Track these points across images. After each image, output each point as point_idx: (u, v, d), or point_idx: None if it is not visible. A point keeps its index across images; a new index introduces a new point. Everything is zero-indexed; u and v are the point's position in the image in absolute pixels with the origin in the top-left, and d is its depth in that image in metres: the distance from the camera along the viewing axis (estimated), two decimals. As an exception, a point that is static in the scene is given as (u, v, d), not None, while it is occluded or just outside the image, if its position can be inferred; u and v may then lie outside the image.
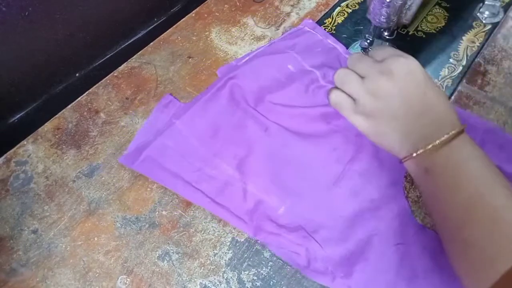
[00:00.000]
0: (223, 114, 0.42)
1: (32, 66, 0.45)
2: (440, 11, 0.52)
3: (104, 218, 0.38)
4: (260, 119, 0.42)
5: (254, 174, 0.39)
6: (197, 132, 0.41)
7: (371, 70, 0.34)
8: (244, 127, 0.41)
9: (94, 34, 0.49)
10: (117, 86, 0.47)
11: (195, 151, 0.40)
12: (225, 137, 0.41)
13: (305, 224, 0.37)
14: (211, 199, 0.38)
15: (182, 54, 0.50)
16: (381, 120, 0.33)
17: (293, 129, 0.41)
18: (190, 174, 0.39)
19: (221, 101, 0.43)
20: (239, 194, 0.38)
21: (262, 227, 0.36)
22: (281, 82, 0.43)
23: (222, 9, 0.54)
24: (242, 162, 0.39)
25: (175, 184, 0.38)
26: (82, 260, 0.36)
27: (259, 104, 0.43)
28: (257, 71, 0.44)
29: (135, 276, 0.35)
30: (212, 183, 0.39)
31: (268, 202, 0.38)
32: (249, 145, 0.40)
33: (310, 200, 0.38)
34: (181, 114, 0.42)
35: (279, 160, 0.39)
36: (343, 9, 0.53)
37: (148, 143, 0.41)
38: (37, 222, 0.38)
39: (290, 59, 0.45)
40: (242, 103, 0.42)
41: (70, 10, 0.45)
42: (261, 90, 0.43)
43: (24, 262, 0.36)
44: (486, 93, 0.44)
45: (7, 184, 0.40)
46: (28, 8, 0.41)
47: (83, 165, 0.41)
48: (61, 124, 0.44)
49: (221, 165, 0.39)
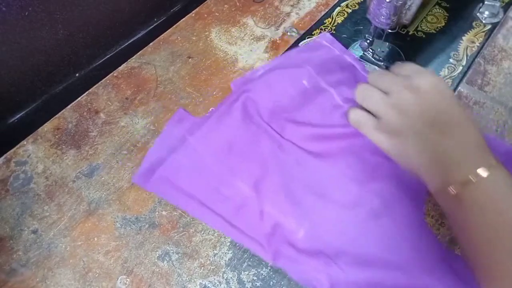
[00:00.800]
0: (237, 129, 0.41)
1: (32, 66, 0.45)
2: (440, 11, 0.52)
3: (104, 218, 0.38)
4: (273, 135, 0.40)
5: (270, 194, 0.37)
6: (211, 149, 0.40)
7: (395, 85, 0.32)
8: (258, 142, 0.40)
9: (94, 34, 0.49)
10: (117, 86, 0.47)
11: (210, 169, 0.39)
12: (240, 153, 0.40)
13: (325, 248, 0.35)
14: (227, 221, 0.36)
15: (182, 54, 0.50)
16: (406, 138, 0.31)
17: (308, 148, 0.40)
18: (204, 194, 0.38)
19: (235, 115, 0.41)
20: (255, 216, 0.37)
21: (281, 252, 0.35)
22: (295, 100, 0.42)
23: (222, 9, 0.54)
24: (257, 181, 0.38)
25: (189, 205, 0.37)
26: (82, 260, 0.36)
27: (273, 121, 0.41)
28: (271, 86, 0.43)
29: (135, 276, 0.35)
30: (227, 204, 0.37)
31: (286, 225, 0.36)
32: (264, 162, 0.39)
33: (329, 222, 0.36)
34: (194, 129, 0.41)
35: (295, 179, 0.38)
36: (343, 9, 0.53)
37: (161, 161, 0.40)
38: (37, 222, 0.38)
39: (305, 74, 0.43)
40: (256, 117, 0.41)
41: (70, 10, 0.45)
42: (275, 106, 0.42)
43: (24, 262, 0.36)
44: (486, 93, 0.44)
45: (7, 184, 0.40)
46: (28, 8, 0.41)
47: (83, 165, 0.41)
48: (61, 124, 0.44)
49: (236, 184, 0.38)
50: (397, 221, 0.36)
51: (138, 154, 0.42)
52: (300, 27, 0.52)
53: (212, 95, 0.46)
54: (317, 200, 0.37)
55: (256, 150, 0.40)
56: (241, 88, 0.43)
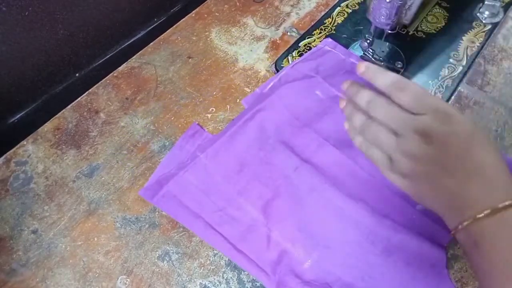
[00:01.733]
0: (250, 149, 0.40)
1: (32, 66, 0.45)
2: (440, 11, 0.52)
3: (104, 218, 0.38)
4: (290, 156, 0.39)
5: (279, 219, 0.36)
6: (222, 168, 0.39)
7: (404, 126, 0.30)
8: (272, 164, 0.39)
9: (94, 34, 0.49)
10: (117, 86, 0.47)
11: (219, 189, 0.38)
12: (251, 174, 0.39)
13: (333, 282, 0.33)
14: (232, 245, 0.35)
15: (182, 54, 0.50)
16: (421, 181, 0.30)
17: (329, 170, 0.38)
18: (211, 215, 0.37)
19: (248, 134, 0.40)
20: (262, 241, 0.35)
21: (285, 283, 0.33)
22: (313, 112, 0.42)
23: (222, 9, 0.54)
24: (267, 204, 0.37)
25: (195, 225, 0.37)
26: (82, 260, 0.36)
27: (294, 137, 0.40)
28: (285, 101, 0.42)
29: (135, 276, 0.35)
30: (234, 226, 0.36)
31: (293, 254, 0.35)
32: (276, 185, 0.38)
33: (339, 255, 0.35)
34: (206, 147, 0.40)
35: (307, 206, 0.37)
36: (343, 9, 0.53)
37: (170, 177, 0.39)
38: (37, 222, 0.38)
39: (316, 85, 0.43)
40: (272, 138, 0.40)
41: (70, 10, 0.45)
42: (293, 120, 0.41)
43: (24, 262, 0.36)
44: (486, 93, 0.44)
45: (7, 184, 0.40)
46: (28, 8, 0.41)
47: (83, 165, 0.41)
48: (61, 124, 0.44)
49: (245, 206, 0.37)
50: (412, 259, 0.34)
51: (138, 154, 0.42)
52: (300, 27, 0.52)
53: (212, 95, 0.46)
54: (329, 230, 0.36)
55: (269, 173, 0.38)
56: (254, 106, 0.42)
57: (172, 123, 0.44)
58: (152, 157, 0.41)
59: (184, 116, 0.44)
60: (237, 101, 0.45)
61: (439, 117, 0.29)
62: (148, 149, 0.42)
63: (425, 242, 0.35)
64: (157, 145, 0.42)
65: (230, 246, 0.35)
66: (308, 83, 0.43)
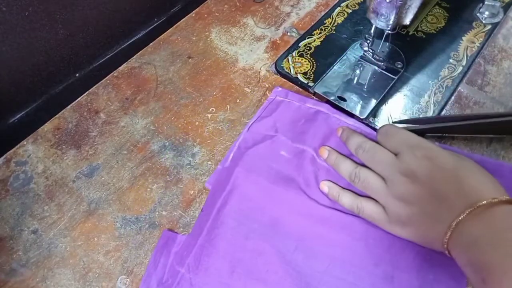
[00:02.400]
0: (235, 242, 0.34)
1: (32, 66, 0.45)
2: (440, 11, 0.52)
3: (104, 218, 0.38)
4: (285, 236, 0.35)
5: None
6: (210, 277, 0.33)
7: (390, 171, 0.31)
8: (266, 253, 0.34)
9: (94, 34, 0.49)
10: (117, 86, 0.47)
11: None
12: (246, 272, 0.33)
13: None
14: None
15: (182, 54, 0.50)
16: (421, 224, 0.30)
17: (326, 230, 0.35)
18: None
19: (227, 225, 0.35)
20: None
21: None
22: (283, 174, 0.38)
23: (222, 9, 0.54)
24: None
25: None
26: (82, 260, 0.36)
27: (280, 209, 0.36)
28: (254, 170, 0.38)
29: (135, 277, 0.35)
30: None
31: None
32: (279, 277, 0.33)
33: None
34: (184, 256, 0.35)
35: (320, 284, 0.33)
36: (343, 9, 0.53)
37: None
38: (37, 222, 0.38)
39: (279, 145, 0.40)
40: (257, 222, 0.35)
41: (70, 10, 0.45)
42: (272, 189, 0.37)
43: (24, 262, 0.36)
44: (486, 93, 0.44)
45: (7, 184, 0.40)
46: (28, 8, 0.41)
47: (83, 165, 0.41)
48: (61, 124, 0.44)
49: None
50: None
51: (138, 154, 0.42)
52: (300, 27, 0.52)
53: (212, 95, 0.46)
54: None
55: (265, 265, 0.34)
56: (222, 187, 0.38)
57: (172, 123, 0.44)
58: (152, 157, 0.41)
59: (184, 116, 0.44)
60: (237, 101, 0.45)
61: (417, 156, 0.30)
62: (148, 149, 0.42)
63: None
64: (157, 145, 0.42)
65: None
66: (270, 144, 0.40)
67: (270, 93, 0.45)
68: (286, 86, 0.46)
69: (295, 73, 0.46)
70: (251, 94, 0.46)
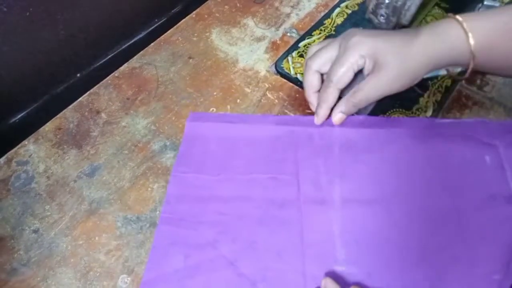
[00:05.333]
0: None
1: (33, 67, 0.45)
2: (439, 12, 0.52)
3: (105, 218, 0.38)
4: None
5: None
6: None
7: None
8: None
9: (95, 34, 0.49)
10: (118, 87, 0.47)
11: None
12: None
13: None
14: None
15: (183, 54, 0.50)
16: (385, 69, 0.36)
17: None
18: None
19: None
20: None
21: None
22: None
23: (222, 10, 0.55)
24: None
25: None
26: (83, 259, 0.36)
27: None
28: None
29: (136, 276, 0.35)
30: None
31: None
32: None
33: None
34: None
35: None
36: (342, 10, 0.53)
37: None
38: (38, 222, 0.38)
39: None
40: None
41: (71, 11, 0.45)
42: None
43: (25, 262, 0.36)
44: (485, 93, 0.45)
45: (8, 184, 0.40)
46: (29, 9, 0.41)
47: (84, 165, 0.41)
48: (62, 124, 0.44)
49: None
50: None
51: (139, 154, 0.42)
52: (300, 27, 0.52)
53: (212, 95, 0.46)
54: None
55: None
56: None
57: (173, 123, 0.44)
58: (153, 156, 0.42)
59: (185, 116, 0.44)
60: (237, 102, 0.45)
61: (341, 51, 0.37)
62: (149, 149, 0.42)
63: None
64: (158, 145, 0.42)
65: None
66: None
67: (270, 93, 0.46)
68: (286, 86, 0.46)
69: (295, 74, 0.46)
70: (251, 94, 0.46)
